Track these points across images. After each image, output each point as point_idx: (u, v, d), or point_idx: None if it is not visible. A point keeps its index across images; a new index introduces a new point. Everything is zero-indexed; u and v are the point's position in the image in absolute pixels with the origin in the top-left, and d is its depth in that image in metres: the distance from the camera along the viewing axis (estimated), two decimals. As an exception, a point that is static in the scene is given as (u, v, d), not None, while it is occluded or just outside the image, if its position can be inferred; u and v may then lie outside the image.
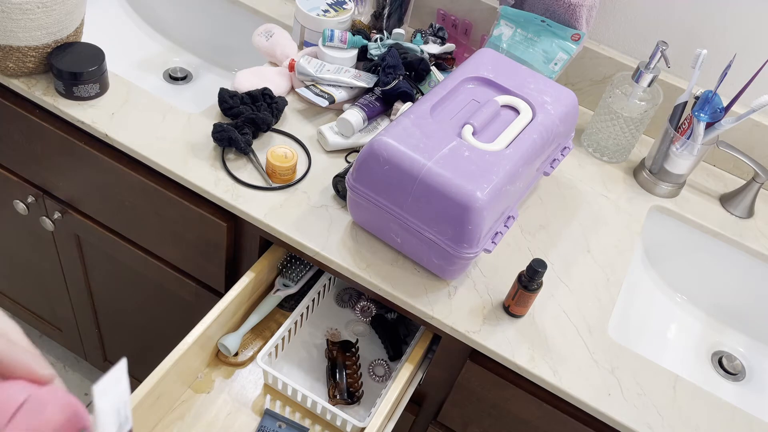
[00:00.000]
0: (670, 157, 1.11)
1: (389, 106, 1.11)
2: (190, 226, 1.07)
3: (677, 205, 1.15)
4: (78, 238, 1.30)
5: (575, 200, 1.11)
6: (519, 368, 0.88)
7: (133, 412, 0.84)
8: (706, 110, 1.05)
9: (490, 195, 0.84)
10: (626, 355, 0.91)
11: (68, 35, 1.05)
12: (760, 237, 1.12)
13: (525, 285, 0.87)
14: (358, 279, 0.93)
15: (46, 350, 1.84)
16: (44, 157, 1.16)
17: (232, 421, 0.95)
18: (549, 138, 0.95)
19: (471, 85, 0.99)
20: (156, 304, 1.31)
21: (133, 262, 1.23)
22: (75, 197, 1.21)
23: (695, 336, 1.14)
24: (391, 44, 1.16)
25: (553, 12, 1.12)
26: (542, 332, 0.91)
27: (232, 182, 1.00)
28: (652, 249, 1.17)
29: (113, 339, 1.54)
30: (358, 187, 0.90)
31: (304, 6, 1.19)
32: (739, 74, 1.11)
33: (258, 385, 1.00)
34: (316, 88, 1.11)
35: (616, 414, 0.85)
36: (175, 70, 1.40)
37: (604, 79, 1.23)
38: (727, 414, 0.88)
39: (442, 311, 0.91)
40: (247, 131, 1.03)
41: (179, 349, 0.90)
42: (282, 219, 0.97)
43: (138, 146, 1.02)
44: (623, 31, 1.20)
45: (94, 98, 1.07)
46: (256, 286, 1.03)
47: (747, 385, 1.09)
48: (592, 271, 1.01)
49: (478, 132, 0.91)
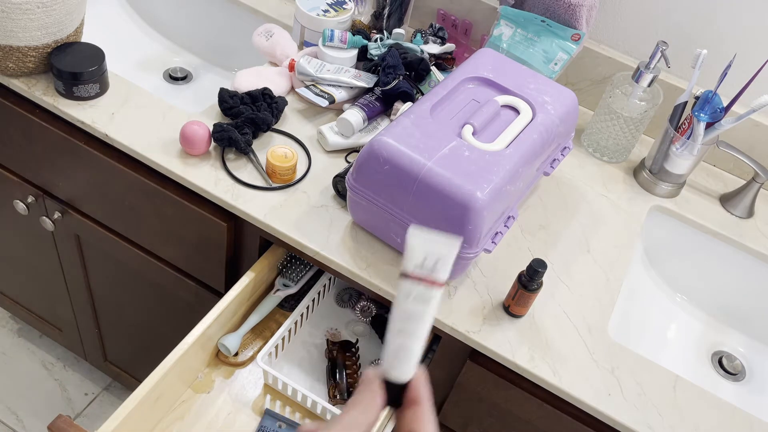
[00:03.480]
0: (670, 157, 1.11)
1: (389, 106, 1.11)
2: (190, 226, 1.07)
3: (677, 205, 1.14)
4: (78, 238, 1.30)
5: (575, 200, 1.11)
6: (519, 368, 0.88)
7: (132, 412, 0.84)
8: (706, 110, 1.05)
9: (490, 195, 0.84)
10: (626, 355, 0.91)
11: (68, 35, 1.05)
12: (760, 237, 1.12)
13: (525, 285, 0.87)
14: (358, 279, 0.93)
15: (46, 350, 1.84)
16: (44, 157, 1.16)
17: (232, 421, 0.95)
18: (549, 138, 0.95)
19: (471, 85, 0.99)
20: (156, 304, 1.31)
21: (133, 262, 1.23)
22: (75, 197, 1.21)
23: (695, 336, 1.14)
24: (391, 44, 1.16)
25: (553, 12, 1.12)
26: (542, 332, 0.91)
27: (232, 182, 1.00)
28: (652, 249, 1.17)
29: (113, 339, 1.54)
30: (358, 187, 0.90)
31: (304, 6, 1.19)
32: (739, 74, 1.11)
33: (258, 385, 1.00)
34: (316, 88, 1.11)
35: (616, 414, 0.85)
36: (175, 70, 1.40)
37: (604, 79, 1.23)
38: (727, 414, 0.88)
39: (442, 311, 0.91)
40: (247, 131, 1.03)
41: (179, 349, 0.90)
42: (282, 219, 0.97)
43: (138, 146, 1.02)
44: (623, 31, 1.20)
45: (94, 98, 1.07)
46: (256, 286, 1.03)
47: (747, 385, 1.09)
48: (592, 271, 1.00)
49: (478, 132, 0.91)
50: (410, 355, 0.47)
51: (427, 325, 0.46)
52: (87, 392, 1.79)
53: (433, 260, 0.45)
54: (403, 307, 0.46)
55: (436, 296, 0.46)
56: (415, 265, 0.45)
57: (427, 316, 0.46)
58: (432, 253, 0.45)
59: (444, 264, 0.45)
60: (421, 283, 0.45)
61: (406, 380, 0.47)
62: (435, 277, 0.45)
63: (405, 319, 0.46)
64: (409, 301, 0.46)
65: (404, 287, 0.46)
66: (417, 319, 0.46)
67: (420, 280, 0.45)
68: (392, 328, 0.47)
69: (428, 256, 0.45)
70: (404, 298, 0.46)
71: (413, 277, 0.45)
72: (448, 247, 0.45)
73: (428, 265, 0.45)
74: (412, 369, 0.47)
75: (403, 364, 0.47)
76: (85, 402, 1.77)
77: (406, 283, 0.46)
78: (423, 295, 0.46)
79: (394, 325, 0.47)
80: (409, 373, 0.47)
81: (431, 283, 0.45)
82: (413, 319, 0.46)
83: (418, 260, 0.45)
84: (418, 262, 0.45)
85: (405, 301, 0.46)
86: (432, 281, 0.45)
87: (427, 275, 0.45)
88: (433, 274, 0.45)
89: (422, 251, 0.45)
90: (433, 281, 0.45)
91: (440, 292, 0.46)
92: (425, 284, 0.45)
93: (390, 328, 0.47)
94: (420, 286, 0.45)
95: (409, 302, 0.46)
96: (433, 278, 0.45)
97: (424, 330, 0.47)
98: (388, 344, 0.47)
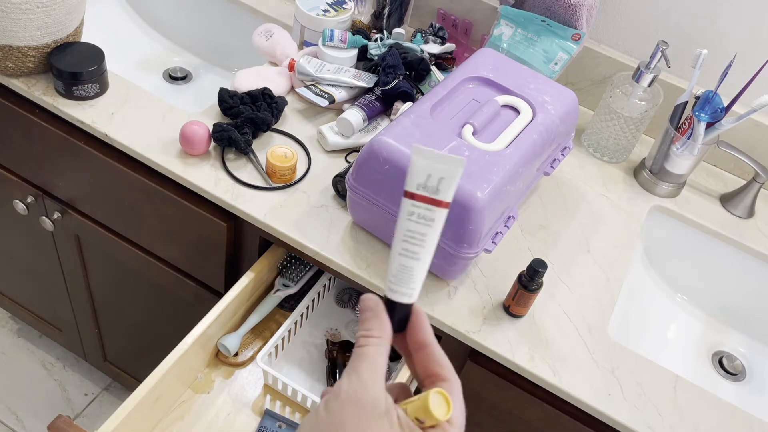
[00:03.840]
0: (670, 157, 1.11)
1: (389, 106, 1.11)
2: (190, 226, 1.07)
3: (677, 205, 1.14)
4: (78, 238, 1.30)
5: (575, 200, 1.11)
6: (519, 368, 0.88)
7: (132, 413, 0.84)
8: (706, 110, 1.05)
9: (491, 195, 0.83)
10: (626, 355, 0.91)
11: (68, 35, 1.05)
12: (760, 237, 1.12)
13: (525, 285, 0.87)
14: (358, 279, 0.93)
15: (45, 350, 1.84)
16: (44, 157, 1.16)
17: (232, 421, 0.95)
18: (549, 138, 0.95)
19: (471, 85, 0.98)
20: (156, 304, 1.31)
21: (132, 262, 1.23)
22: (75, 197, 1.20)
23: (695, 336, 1.14)
24: (391, 44, 1.16)
25: (554, 12, 1.12)
26: (542, 332, 0.91)
27: (232, 182, 1.00)
28: (652, 249, 1.17)
29: (113, 339, 1.54)
30: (358, 187, 0.90)
31: (304, 6, 1.19)
32: (740, 74, 1.11)
33: (258, 386, 1.00)
34: (316, 88, 1.11)
35: (616, 414, 0.85)
36: (175, 69, 1.40)
37: (605, 78, 1.23)
38: (728, 414, 0.88)
39: (442, 311, 0.90)
40: (247, 131, 1.03)
41: (179, 349, 0.90)
42: (282, 219, 0.97)
43: (138, 146, 1.02)
44: (623, 30, 1.20)
45: (94, 98, 1.07)
46: (256, 286, 1.03)
47: (747, 385, 1.09)
48: (592, 271, 1.00)
49: (478, 132, 0.91)
50: (413, 276, 0.45)
51: (430, 247, 0.45)
52: (87, 392, 1.78)
53: (436, 179, 0.43)
54: (406, 226, 0.44)
55: (439, 217, 0.44)
56: (418, 185, 0.43)
57: (430, 237, 0.44)
58: (436, 172, 0.43)
59: (448, 183, 0.43)
60: (424, 202, 0.44)
61: (409, 302, 0.46)
62: (438, 197, 0.43)
63: (407, 240, 0.44)
64: (412, 222, 0.44)
65: (406, 206, 0.44)
66: (419, 241, 0.44)
67: (422, 199, 0.44)
68: (394, 247, 0.45)
69: (432, 174, 0.43)
70: (406, 217, 0.44)
71: (416, 196, 0.44)
72: (453, 165, 0.43)
73: (432, 184, 0.43)
74: (415, 291, 0.46)
75: (405, 286, 0.45)
76: (85, 402, 1.77)
77: (408, 203, 0.44)
78: (426, 216, 0.44)
79: (397, 245, 0.45)
80: (413, 295, 0.46)
81: (434, 203, 0.43)
82: (415, 240, 0.44)
83: (421, 179, 0.43)
84: (421, 181, 0.43)
85: (407, 222, 0.44)
86: (435, 201, 0.43)
87: (431, 195, 0.43)
88: (437, 194, 0.43)
89: (425, 169, 0.43)
90: (436, 201, 0.43)
91: (444, 213, 0.44)
92: (428, 204, 0.44)
93: (393, 247, 0.46)
94: (422, 206, 0.44)
95: (412, 222, 0.44)
96: (436, 198, 0.43)
97: (426, 252, 0.45)
98: (391, 264, 0.45)
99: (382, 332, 0.44)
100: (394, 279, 0.45)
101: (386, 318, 0.45)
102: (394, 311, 0.46)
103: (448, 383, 0.44)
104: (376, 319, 0.44)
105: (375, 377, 0.42)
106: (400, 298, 0.45)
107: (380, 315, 0.45)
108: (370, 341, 0.43)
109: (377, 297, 0.46)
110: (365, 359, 0.43)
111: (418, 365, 0.46)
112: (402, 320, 0.46)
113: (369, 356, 0.43)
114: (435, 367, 0.45)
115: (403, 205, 0.44)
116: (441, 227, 0.45)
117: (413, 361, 0.46)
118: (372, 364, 0.42)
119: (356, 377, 0.42)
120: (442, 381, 0.44)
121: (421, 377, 0.46)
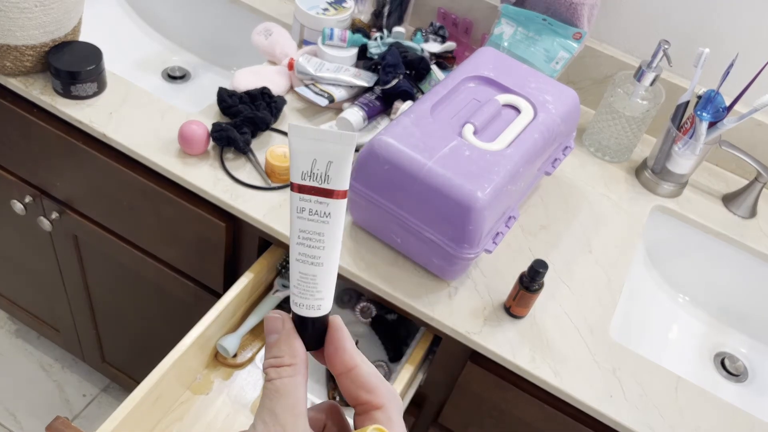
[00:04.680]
0: (672, 156, 1.10)
1: (389, 106, 1.11)
2: (189, 226, 1.06)
3: (679, 205, 1.14)
4: (76, 238, 1.29)
5: (577, 200, 1.10)
6: (520, 369, 0.87)
7: (131, 414, 0.84)
8: (708, 109, 1.05)
9: (491, 195, 0.83)
10: (628, 356, 0.91)
11: (66, 34, 1.04)
12: (762, 237, 1.12)
13: (526, 286, 0.87)
14: (358, 279, 0.93)
15: (43, 351, 1.83)
16: (42, 156, 1.15)
17: (231, 422, 0.95)
18: (550, 137, 0.95)
19: (472, 84, 0.98)
20: (154, 304, 1.31)
21: (131, 262, 1.23)
22: (73, 197, 1.20)
23: (697, 337, 1.13)
24: (391, 43, 1.16)
25: (555, 10, 1.12)
26: (543, 333, 0.91)
27: (231, 182, 1.00)
28: (653, 249, 1.16)
29: (111, 340, 1.54)
30: (358, 187, 0.90)
31: (303, 4, 1.18)
32: (742, 73, 1.11)
33: (257, 387, 0.99)
34: (316, 87, 1.10)
35: (617, 415, 0.84)
36: (174, 69, 1.40)
37: (606, 78, 1.23)
38: (729, 415, 0.87)
39: (442, 312, 0.90)
40: (246, 130, 1.02)
41: (178, 350, 0.90)
42: (281, 219, 0.96)
43: (136, 146, 1.01)
44: (625, 29, 1.20)
45: (92, 97, 1.06)
46: (255, 287, 1.03)
47: (749, 386, 1.09)
48: (593, 272, 1.00)
49: (478, 131, 0.90)
50: (317, 285, 0.38)
51: (331, 248, 0.38)
52: (85, 393, 1.78)
53: (324, 164, 0.36)
54: (297, 226, 0.37)
55: (336, 211, 0.37)
56: (303, 173, 0.36)
57: (330, 236, 0.37)
58: (322, 155, 0.36)
59: (339, 167, 0.36)
60: (313, 194, 0.37)
61: (319, 315, 0.39)
62: (329, 186, 0.36)
63: (302, 243, 0.37)
64: (303, 220, 0.37)
65: (294, 202, 0.37)
66: (317, 242, 0.37)
67: (311, 191, 0.37)
68: (291, 253, 0.38)
69: (317, 158, 0.36)
70: (296, 215, 0.37)
71: (303, 188, 0.37)
72: (341, 143, 0.36)
73: (319, 171, 0.36)
74: (324, 301, 0.38)
75: (310, 297, 0.38)
76: (83, 403, 1.76)
77: (295, 198, 0.37)
78: (318, 211, 0.37)
79: (293, 249, 0.38)
80: (322, 306, 0.38)
81: (325, 193, 0.36)
82: (312, 241, 0.37)
83: (305, 166, 0.36)
84: (306, 169, 0.36)
85: (298, 220, 0.37)
86: (326, 192, 0.36)
87: (319, 184, 0.36)
88: (327, 182, 0.36)
89: (309, 153, 0.36)
90: (327, 192, 0.36)
91: (342, 204, 0.37)
92: (318, 196, 0.37)
93: (290, 253, 0.39)
94: (312, 198, 0.37)
95: (303, 221, 0.37)
96: (326, 188, 0.36)
97: (328, 255, 0.37)
98: (291, 274, 0.38)
99: (294, 358, 0.37)
100: (297, 290, 0.39)
101: (296, 338, 0.38)
102: (305, 328, 0.39)
103: (383, 411, 0.37)
104: (284, 343, 0.38)
105: (296, 417, 0.36)
106: (306, 312, 0.39)
107: (289, 336, 0.38)
108: (282, 372, 0.36)
109: (284, 314, 0.39)
110: (280, 396, 0.36)
111: (344, 392, 0.39)
112: (317, 336, 0.39)
113: (284, 391, 0.36)
114: (364, 395, 0.37)
115: (291, 201, 0.37)
116: (342, 222, 0.38)
117: (339, 380, 0.39)
118: (289, 400, 0.36)
119: (272, 420, 0.35)
120: (375, 410, 0.37)
121: (352, 404, 0.39)
